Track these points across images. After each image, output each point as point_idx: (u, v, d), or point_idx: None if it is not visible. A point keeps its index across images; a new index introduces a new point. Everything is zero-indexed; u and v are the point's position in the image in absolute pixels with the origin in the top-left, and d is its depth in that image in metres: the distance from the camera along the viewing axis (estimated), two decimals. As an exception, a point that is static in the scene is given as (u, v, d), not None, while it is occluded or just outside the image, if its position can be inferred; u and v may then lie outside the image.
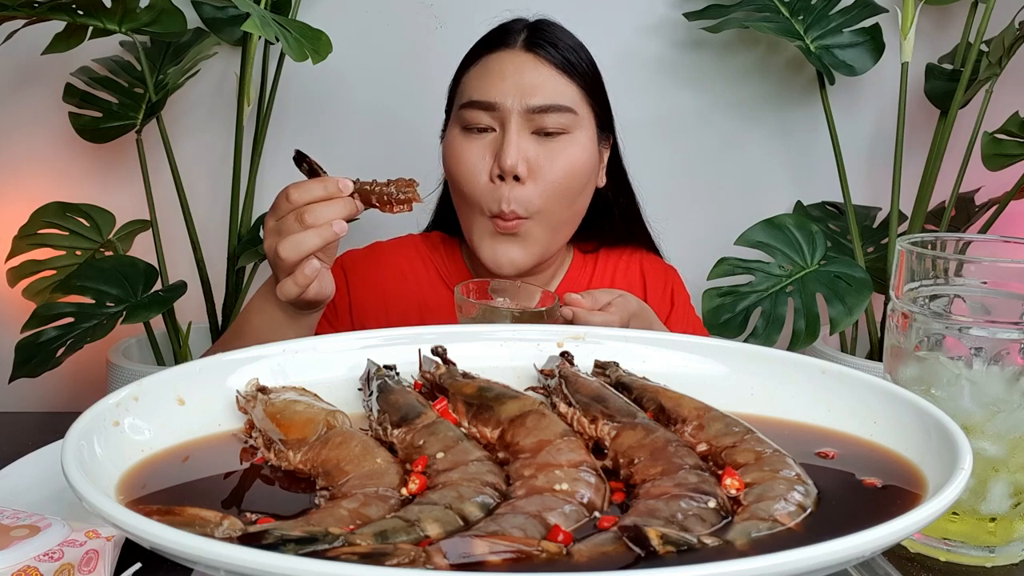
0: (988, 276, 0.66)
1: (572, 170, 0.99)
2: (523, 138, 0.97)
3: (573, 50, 1.02)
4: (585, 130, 1.01)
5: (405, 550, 0.36)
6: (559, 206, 1.00)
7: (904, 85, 1.63)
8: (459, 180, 1.00)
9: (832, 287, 1.49)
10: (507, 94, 0.97)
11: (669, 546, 0.38)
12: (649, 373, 0.61)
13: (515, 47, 1.00)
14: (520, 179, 0.97)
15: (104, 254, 1.66)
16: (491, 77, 0.99)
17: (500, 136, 0.98)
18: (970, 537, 0.66)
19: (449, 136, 1.03)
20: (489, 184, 0.98)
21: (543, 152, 0.98)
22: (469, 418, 0.54)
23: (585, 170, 1.01)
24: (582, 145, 1.00)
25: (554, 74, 0.99)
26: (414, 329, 0.64)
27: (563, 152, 0.98)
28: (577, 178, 1.00)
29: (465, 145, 0.99)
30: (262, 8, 1.42)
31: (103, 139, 1.66)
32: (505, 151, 0.96)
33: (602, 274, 1.14)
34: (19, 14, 1.41)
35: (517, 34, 1.01)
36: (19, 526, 0.58)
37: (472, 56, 1.04)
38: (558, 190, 0.98)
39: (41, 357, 1.47)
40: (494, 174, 0.97)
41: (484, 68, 1.01)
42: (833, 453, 0.51)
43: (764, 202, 1.84)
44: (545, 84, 0.98)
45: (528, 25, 1.03)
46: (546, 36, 1.01)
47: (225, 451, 0.52)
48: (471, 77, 1.02)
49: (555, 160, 0.98)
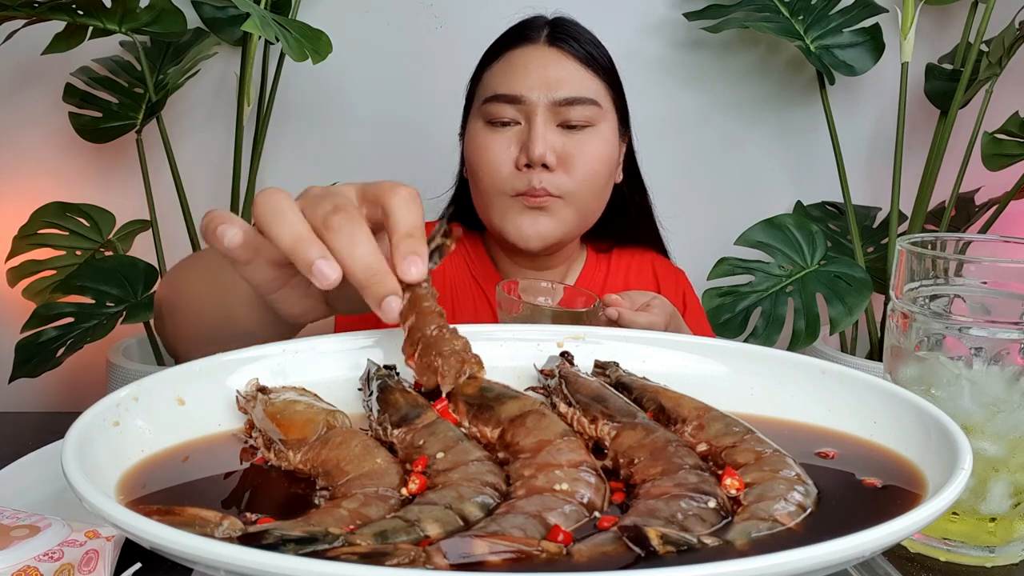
0: (988, 276, 0.66)
1: (599, 161, 1.00)
2: (549, 130, 0.98)
3: (594, 45, 1.03)
4: (608, 123, 1.02)
5: (405, 550, 0.36)
6: (589, 194, 1.01)
7: (904, 85, 1.63)
8: (483, 169, 1.01)
9: (832, 287, 1.49)
10: (532, 87, 0.98)
11: (669, 546, 0.38)
12: (649, 373, 0.61)
13: (538, 42, 1.02)
14: (549, 167, 0.98)
15: (104, 254, 1.66)
16: (515, 71, 1.00)
17: (526, 129, 0.99)
18: (970, 537, 0.66)
19: (472, 130, 1.03)
20: (515, 171, 0.99)
21: (570, 143, 0.99)
22: (469, 418, 0.54)
23: (610, 162, 1.03)
24: (606, 138, 1.02)
25: (578, 68, 1.00)
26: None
27: (589, 143, 1.00)
28: (603, 169, 1.02)
29: (491, 137, 1.00)
30: (262, 8, 1.42)
31: (103, 139, 1.66)
32: (533, 141, 0.97)
33: (615, 274, 1.15)
34: (19, 14, 1.41)
35: (539, 30, 1.03)
36: (19, 526, 0.58)
37: (493, 52, 1.05)
38: (587, 178, 1.00)
39: (41, 357, 1.47)
40: (520, 163, 0.98)
41: (507, 63, 1.02)
42: (833, 453, 0.51)
43: (764, 202, 1.84)
44: (570, 77, 0.99)
45: (549, 22, 1.05)
46: (568, 31, 1.03)
47: (225, 451, 0.52)
48: (494, 73, 1.03)
49: (582, 151, 0.99)
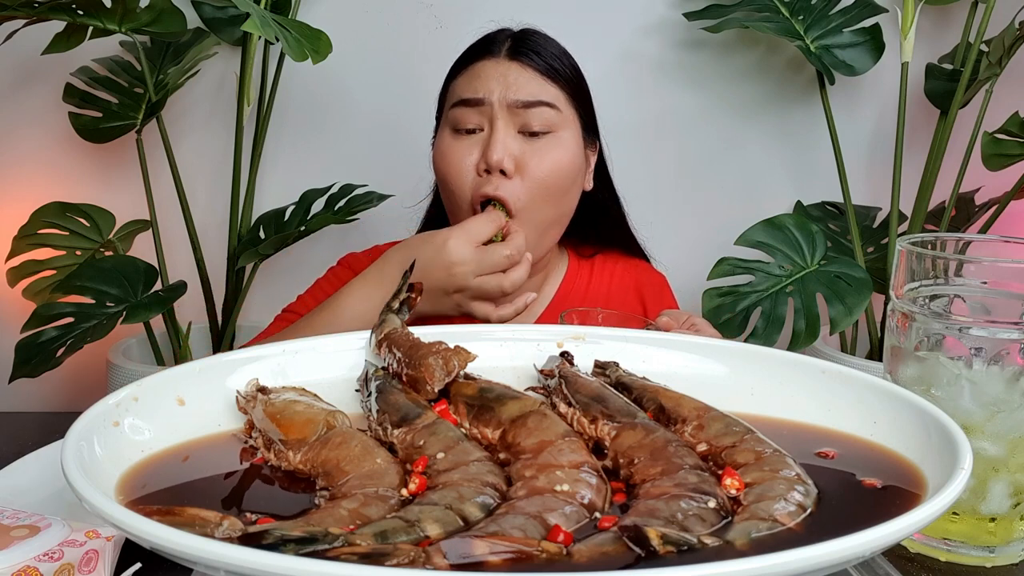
0: (988, 276, 0.66)
1: (557, 169, 1.01)
2: (509, 135, 1.00)
3: (556, 57, 1.05)
4: (570, 130, 1.03)
5: (405, 550, 0.36)
6: (545, 204, 1.02)
7: (904, 85, 1.63)
8: (447, 177, 1.03)
9: (832, 287, 1.48)
10: (492, 91, 1.01)
11: (669, 546, 0.38)
12: (649, 373, 0.61)
13: (499, 56, 1.04)
14: (507, 174, 0.99)
15: (104, 254, 1.66)
16: (478, 79, 1.03)
17: (488, 134, 1.00)
18: (970, 537, 0.66)
19: (439, 139, 1.06)
20: (476, 178, 1.00)
21: (529, 150, 1.00)
22: (470, 419, 0.54)
23: (570, 170, 1.03)
24: (567, 145, 1.02)
25: (537, 76, 1.02)
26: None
27: (548, 151, 1.01)
28: (563, 177, 1.02)
29: (454, 145, 1.02)
30: (262, 8, 1.42)
31: (103, 139, 1.66)
32: (492, 147, 0.98)
33: (599, 280, 1.16)
34: (19, 14, 1.41)
35: (501, 43, 1.05)
36: (19, 526, 0.58)
37: (459, 65, 1.07)
38: (543, 188, 1.00)
39: (41, 357, 1.47)
40: (481, 168, 1.00)
41: (471, 73, 1.04)
42: (833, 453, 0.51)
43: (764, 202, 1.84)
44: (529, 83, 1.02)
45: (512, 35, 1.06)
46: (529, 44, 1.04)
47: (225, 451, 0.52)
48: (459, 82, 1.05)
49: (541, 158, 1.00)
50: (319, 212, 1.65)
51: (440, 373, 0.55)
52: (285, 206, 1.71)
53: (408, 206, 1.22)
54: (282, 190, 1.77)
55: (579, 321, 0.89)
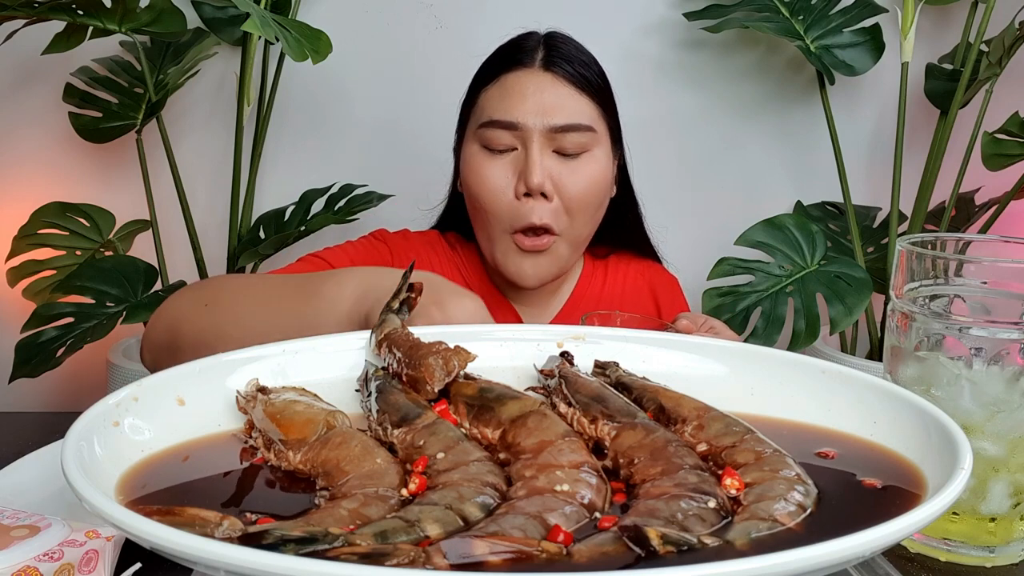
0: (988, 276, 0.66)
1: (594, 187, 1.01)
2: (546, 156, 0.99)
3: (587, 65, 1.03)
4: (602, 147, 1.03)
5: (405, 550, 0.36)
6: (583, 223, 1.02)
7: (904, 85, 1.63)
8: (483, 199, 1.01)
9: (832, 287, 1.48)
10: (528, 114, 0.98)
11: (669, 546, 0.38)
12: (649, 373, 0.61)
13: (533, 66, 1.01)
14: (547, 196, 0.98)
15: (104, 254, 1.66)
16: (511, 97, 1.00)
17: (523, 155, 0.99)
18: (970, 537, 0.66)
19: (467, 154, 1.03)
20: (515, 201, 0.99)
21: (565, 171, 0.99)
22: (470, 419, 0.54)
23: (605, 185, 1.04)
24: (600, 162, 1.02)
25: (573, 93, 1.00)
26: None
27: (584, 170, 1.00)
28: (598, 195, 1.03)
29: (488, 164, 1.00)
30: (262, 8, 1.42)
31: (103, 139, 1.66)
32: (531, 170, 0.97)
33: (613, 280, 1.16)
34: (19, 14, 1.41)
35: (533, 51, 1.02)
36: (19, 526, 0.58)
37: (488, 73, 1.04)
38: (582, 207, 1.01)
39: (41, 357, 1.47)
40: (520, 192, 0.99)
41: (503, 88, 1.01)
42: (833, 453, 0.51)
43: (764, 202, 1.84)
44: (565, 104, 0.99)
45: (543, 42, 1.04)
46: (561, 52, 1.02)
47: (225, 451, 0.52)
48: (490, 96, 1.02)
49: (577, 179, 1.00)
50: (319, 212, 1.65)
51: (440, 373, 0.55)
52: (285, 206, 1.71)
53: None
54: (282, 190, 1.77)
55: (600, 324, 0.89)
